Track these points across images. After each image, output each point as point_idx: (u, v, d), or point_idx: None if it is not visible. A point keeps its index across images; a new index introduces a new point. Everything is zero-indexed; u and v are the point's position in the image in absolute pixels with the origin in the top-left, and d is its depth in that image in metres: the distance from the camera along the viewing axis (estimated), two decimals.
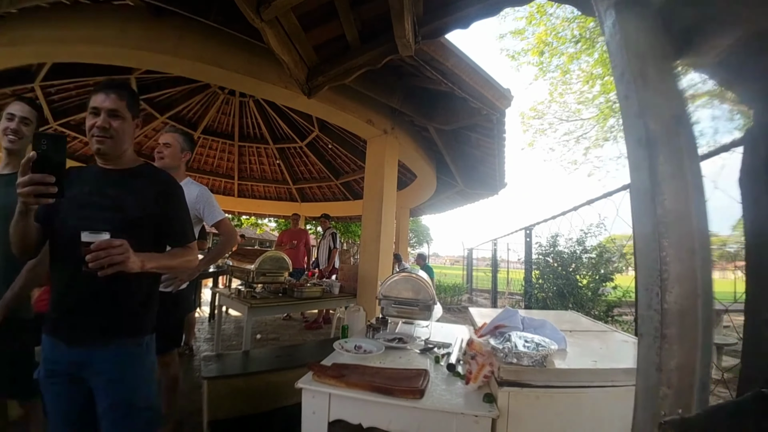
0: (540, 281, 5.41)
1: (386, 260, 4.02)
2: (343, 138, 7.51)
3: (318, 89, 3.01)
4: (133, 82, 6.17)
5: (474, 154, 5.45)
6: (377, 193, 4.06)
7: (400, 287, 2.57)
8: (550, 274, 5.25)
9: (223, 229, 2.92)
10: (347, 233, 15.16)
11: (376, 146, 4.24)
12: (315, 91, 3.04)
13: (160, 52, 3.23)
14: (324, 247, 6.52)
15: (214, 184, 10.13)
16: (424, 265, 8.06)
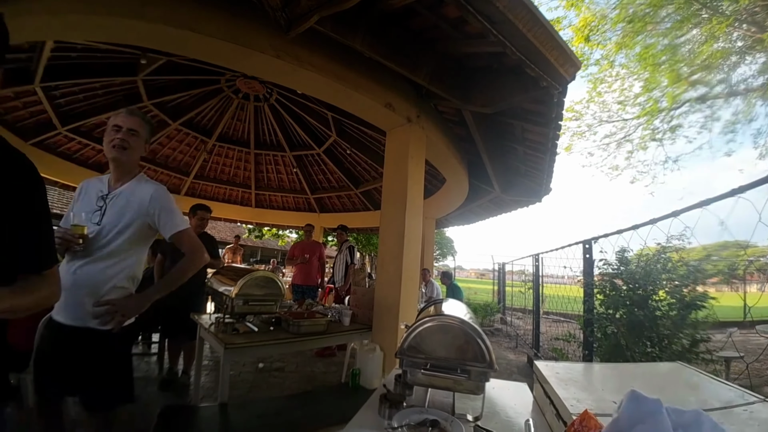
0: (608, 310, 4.18)
1: (410, 284, 2.99)
2: (362, 142, 6.60)
3: (302, 22, 2.04)
4: (141, 84, 5.51)
5: (517, 151, 4.35)
6: (399, 197, 3.06)
7: (434, 340, 1.53)
8: (621, 300, 4.03)
9: (185, 243, 1.99)
10: (368, 246, 14.13)
11: (397, 138, 3.25)
12: (297, 25, 2.07)
13: (120, 15, 2.38)
14: (340, 263, 5.54)
15: (231, 194, 9.43)
16: (451, 285, 6.92)
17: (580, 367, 2.08)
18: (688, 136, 10.87)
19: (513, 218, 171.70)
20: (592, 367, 2.27)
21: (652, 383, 1.58)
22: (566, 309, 7.19)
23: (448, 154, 3.93)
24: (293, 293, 5.70)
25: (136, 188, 1.99)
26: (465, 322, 1.54)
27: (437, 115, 3.71)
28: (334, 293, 5.63)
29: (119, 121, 1.96)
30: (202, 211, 4.01)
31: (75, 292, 1.70)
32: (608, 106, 11.68)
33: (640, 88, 10.63)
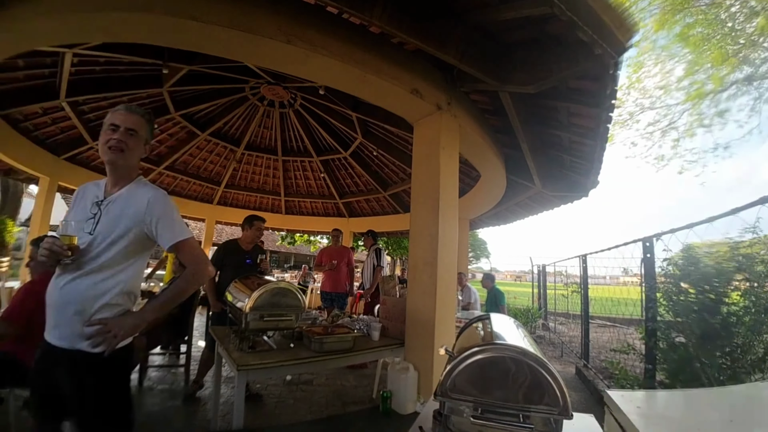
0: (676, 317, 3.55)
1: (447, 295, 2.55)
2: (389, 142, 6.25)
3: None
4: (167, 96, 5.47)
5: (561, 139, 3.82)
6: (430, 195, 2.64)
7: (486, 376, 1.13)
8: (689, 305, 3.39)
9: (186, 255, 1.69)
10: (399, 249, 13.70)
11: (426, 129, 2.84)
12: None
13: (115, 8, 2.16)
14: (368, 266, 5.20)
15: (262, 202, 9.37)
16: (493, 288, 6.37)
17: (665, 397, 1.69)
18: (738, 120, 9.68)
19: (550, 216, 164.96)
20: (681, 396, 1.79)
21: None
22: (612, 312, 6.46)
23: (484, 146, 3.47)
24: (322, 300, 5.41)
25: (133, 193, 1.71)
26: (527, 353, 1.12)
27: (470, 103, 3.28)
28: (364, 300, 5.29)
29: (116, 120, 1.70)
30: (259, 221, 3.77)
31: (63, 310, 1.48)
32: (649, 91, 10.67)
33: (683, 71, 9.63)
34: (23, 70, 3.95)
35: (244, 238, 3.69)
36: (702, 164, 10.55)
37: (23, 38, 2.46)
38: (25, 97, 4.33)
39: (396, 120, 5.16)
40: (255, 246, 3.74)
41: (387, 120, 5.24)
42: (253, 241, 3.70)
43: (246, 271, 3.44)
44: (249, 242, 3.68)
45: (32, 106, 4.60)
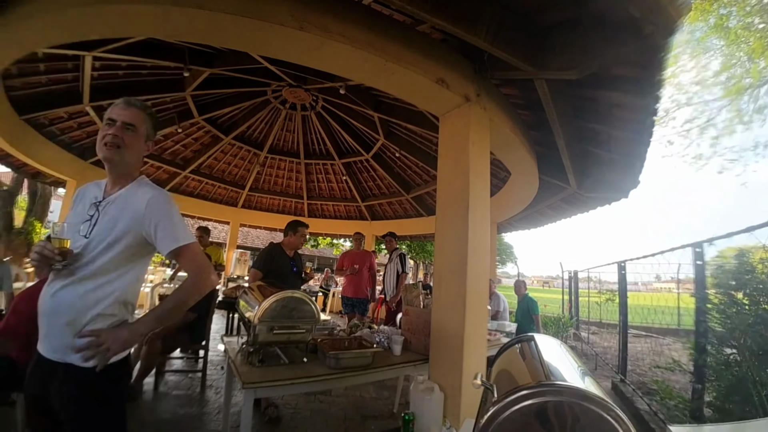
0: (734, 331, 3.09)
1: (478, 307, 2.21)
2: (412, 143, 5.99)
3: None
4: (190, 100, 5.46)
5: (599, 134, 3.43)
6: (458, 195, 2.31)
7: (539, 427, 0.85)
8: (743, 318, 2.93)
9: (188, 262, 1.50)
10: (422, 253, 13.34)
11: (454, 123, 2.52)
12: None
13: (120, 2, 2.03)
14: (391, 272, 4.93)
15: (285, 205, 9.32)
16: (525, 296, 5.95)
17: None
18: None
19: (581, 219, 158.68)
20: None
21: None
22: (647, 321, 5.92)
23: (516, 142, 3.13)
24: (343, 306, 5.20)
25: (133, 194, 1.55)
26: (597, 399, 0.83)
27: (500, 96, 2.96)
28: (386, 306, 5.03)
29: (113, 114, 1.55)
30: (303, 227, 3.59)
31: (54, 320, 1.34)
32: (685, 87, 9.90)
33: (719, 65, 8.88)
34: (45, 74, 3.96)
35: (288, 244, 3.55)
36: (743, 163, 9.64)
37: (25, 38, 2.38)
38: (48, 101, 4.37)
39: (419, 119, 4.91)
40: (296, 252, 3.61)
41: (410, 120, 4.99)
42: (296, 247, 3.57)
43: (292, 279, 3.34)
44: (292, 248, 3.55)
45: (57, 111, 4.65)
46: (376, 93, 4.98)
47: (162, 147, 6.62)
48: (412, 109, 4.91)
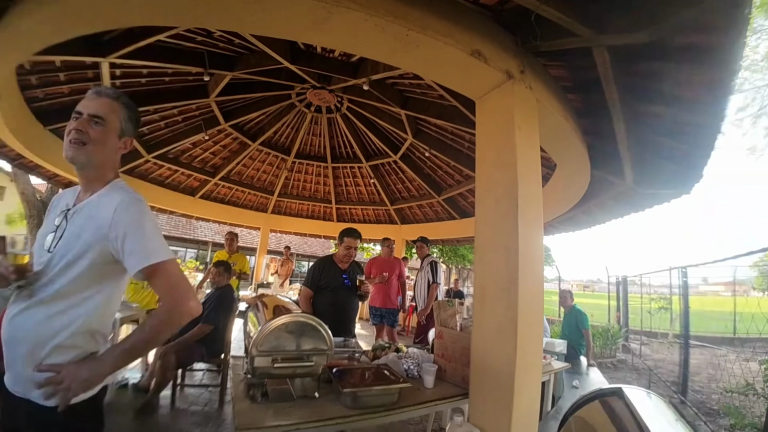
0: None
1: (532, 333, 1.70)
2: (442, 141, 5.50)
3: None
4: (215, 107, 5.31)
5: (662, 118, 2.80)
6: (505, 193, 1.82)
7: None
8: None
9: (162, 284, 1.18)
10: (455, 257, 12.61)
11: (495, 105, 2.03)
12: None
13: None
14: (422, 282, 4.46)
15: (314, 210, 9.09)
16: (573, 308, 5.26)
17: None
18: None
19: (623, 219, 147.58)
20: None
21: None
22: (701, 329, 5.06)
23: (567, 129, 2.57)
24: (371, 316, 4.78)
25: (103, 200, 1.22)
26: None
27: (547, 74, 2.43)
28: (417, 318, 4.56)
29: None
30: (351, 238, 3.08)
31: (13, 349, 1.11)
32: None
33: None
34: (66, 84, 3.88)
35: (338, 256, 3.11)
36: None
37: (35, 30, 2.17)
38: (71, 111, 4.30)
39: (450, 113, 4.43)
40: (353, 264, 3.14)
41: (440, 115, 4.53)
42: (345, 260, 3.07)
43: (343, 294, 2.96)
44: (343, 261, 3.08)
45: None
46: (403, 89, 4.56)
47: (191, 155, 6.55)
48: (441, 104, 4.45)
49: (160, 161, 6.18)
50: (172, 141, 5.80)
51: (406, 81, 4.27)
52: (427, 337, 3.80)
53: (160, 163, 6.26)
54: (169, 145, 5.84)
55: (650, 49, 2.05)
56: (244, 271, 4.50)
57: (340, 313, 2.92)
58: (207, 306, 3.26)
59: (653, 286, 10.20)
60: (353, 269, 3.10)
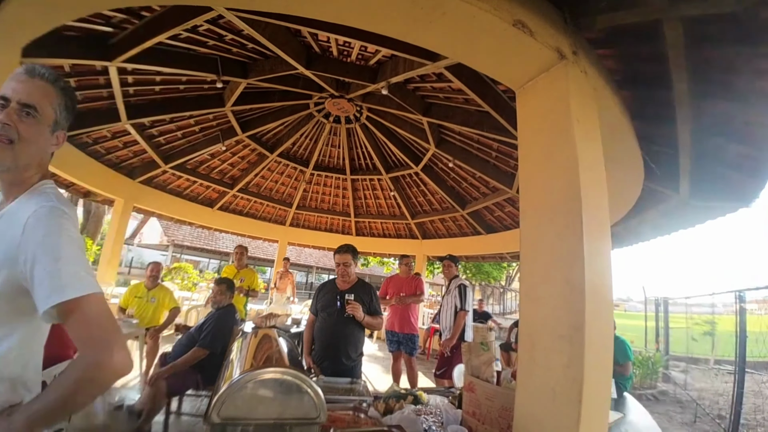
0: None
1: (600, 392, 1.20)
2: (467, 150, 5.05)
3: None
4: (231, 116, 5.09)
5: (732, 118, 2.26)
6: (560, 204, 1.34)
7: None
8: None
9: (80, 328, 0.81)
10: (479, 274, 11.85)
11: (543, 96, 1.58)
12: None
13: None
14: (448, 307, 3.89)
15: (332, 223, 8.76)
16: (617, 341, 4.56)
17: None
18: None
19: None
20: None
21: None
22: None
23: (625, 129, 2.05)
24: (387, 343, 4.28)
25: (20, 209, 0.88)
26: None
27: (600, 60, 1.95)
28: (440, 347, 3.99)
29: (7, 89, 0.94)
30: (339, 253, 2.66)
31: None
32: None
33: None
34: (78, 90, 3.72)
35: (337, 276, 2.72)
36: None
37: None
38: (85, 120, 4.16)
39: (476, 119, 3.99)
40: (357, 284, 2.64)
41: (465, 121, 4.10)
42: (343, 279, 2.63)
43: (336, 317, 2.51)
44: (342, 281, 2.64)
45: (98, 130, 4.47)
46: (425, 94, 4.17)
47: (209, 166, 6.39)
48: (467, 109, 4.02)
49: (178, 172, 6.03)
50: (190, 151, 5.65)
51: (428, 85, 3.89)
52: (451, 372, 3.27)
53: (178, 173, 6.12)
54: (187, 156, 5.68)
55: (730, 26, 1.57)
56: (253, 288, 4.13)
57: (330, 337, 2.51)
58: (204, 328, 2.90)
59: (693, 305, 9.24)
60: (357, 289, 2.61)
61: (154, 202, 6.33)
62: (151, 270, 3.99)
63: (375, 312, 2.57)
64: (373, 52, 3.52)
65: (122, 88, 3.89)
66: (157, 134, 5.13)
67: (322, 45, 3.61)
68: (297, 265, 17.66)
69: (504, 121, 3.24)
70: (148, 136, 5.01)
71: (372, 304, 2.58)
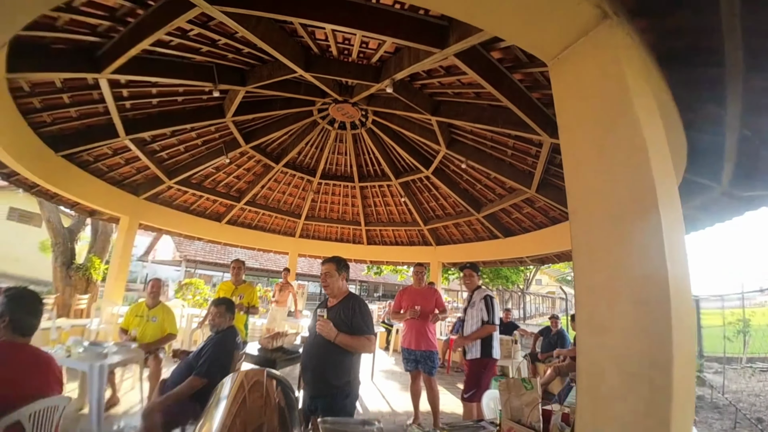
0: None
1: None
2: (480, 150, 4.73)
3: None
4: (233, 127, 4.89)
5: None
6: (635, 198, 0.99)
7: None
8: None
9: None
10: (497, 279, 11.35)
11: (588, 64, 1.23)
12: None
13: None
14: (473, 321, 3.48)
15: (343, 233, 8.50)
16: None
17: None
18: None
19: None
20: None
21: None
22: None
23: (670, 108, 1.73)
24: (404, 362, 3.91)
25: None
26: None
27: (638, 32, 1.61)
28: (465, 365, 3.60)
29: None
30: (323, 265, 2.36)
31: None
32: None
33: None
34: (72, 107, 3.59)
35: None
36: None
37: None
38: (83, 136, 4.04)
39: (490, 115, 3.69)
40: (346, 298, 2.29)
41: (478, 118, 3.80)
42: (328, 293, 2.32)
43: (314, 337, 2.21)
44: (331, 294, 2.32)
45: (97, 147, 4.33)
46: (433, 91, 3.89)
47: (215, 179, 6.23)
48: (479, 104, 3.73)
49: (183, 187, 5.89)
50: (194, 165, 5.50)
51: (436, 81, 3.61)
52: (480, 395, 2.91)
53: (184, 189, 5.98)
54: (191, 170, 5.53)
55: None
56: (252, 305, 3.84)
57: (308, 360, 2.19)
58: (202, 354, 2.64)
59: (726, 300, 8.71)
60: (341, 305, 2.22)
61: (160, 219, 6.19)
62: (151, 287, 3.77)
63: (357, 330, 2.10)
64: (375, 48, 3.27)
65: (118, 102, 3.75)
66: (159, 149, 4.98)
67: (321, 45, 3.38)
68: (309, 275, 17.43)
69: (521, 113, 2.92)
70: (150, 151, 4.87)
71: (354, 320, 2.12)
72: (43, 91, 3.33)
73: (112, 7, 2.60)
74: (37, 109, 3.49)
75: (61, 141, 4.07)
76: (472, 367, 3.36)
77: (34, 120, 3.62)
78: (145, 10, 2.55)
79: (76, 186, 4.65)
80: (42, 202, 6.59)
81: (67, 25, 2.74)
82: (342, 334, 2.06)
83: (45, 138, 3.94)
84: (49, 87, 3.30)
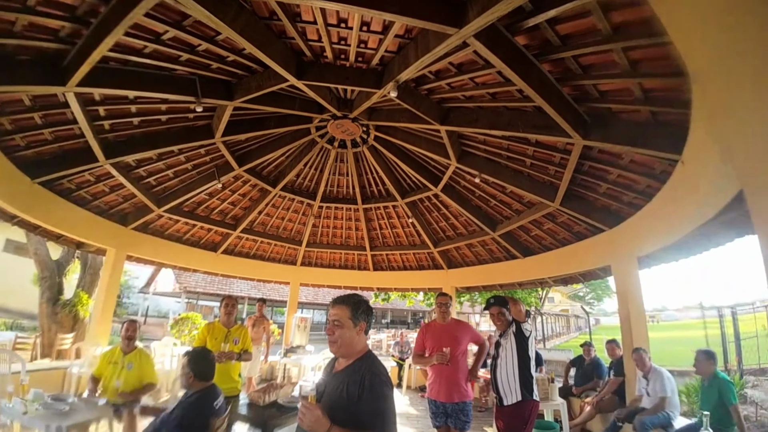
0: None
1: None
2: (496, 162, 4.27)
3: None
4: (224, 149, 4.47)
5: None
6: None
7: None
8: None
9: None
10: None
11: None
12: None
13: None
14: (508, 356, 2.80)
15: (347, 259, 7.96)
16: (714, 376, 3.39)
17: None
18: None
19: None
20: None
21: None
22: None
23: None
24: (432, 415, 3.16)
25: None
26: None
27: None
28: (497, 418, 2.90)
29: None
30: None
31: None
32: None
33: None
34: (46, 128, 3.22)
35: None
36: None
37: None
38: (60, 161, 3.65)
39: (508, 118, 3.26)
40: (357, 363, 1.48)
41: (494, 124, 3.36)
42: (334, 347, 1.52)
43: None
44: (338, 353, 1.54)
45: (77, 174, 3.93)
46: (441, 97, 3.49)
47: (208, 206, 5.81)
48: (494, 108, 3.31)
49: (174, 215, 5.46)
50: (184, 192, 5.10)
51: (445, 84, 3.20)
52: None
53: (175, 217, 5.55)
54: (182, 197, 5.11)
55: None
56: (246, 350, 3.23)
57: None
58: (171, 419, 2.07)
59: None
60: (354, 375, 1.45)
61: (150, 250, 5.73)
62: (125, 330, 3.23)
63: (361, 425, 1.32)
64: (375, 48, 2.89)
65: (95, 122, 3.39)
66: (146, 175, 4.59)
67: (314, 47, 3.02)
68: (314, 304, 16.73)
69: (552, 110, 2.46)
70: (135, 177, 4.48)
71: (360, 406, 1.35)
72: (13, 110, 2.97)
73: (70, 5, 2.24)
74: (8, 131, 3.12)
75: (37, 167, 3.70)
76: (515, 413, 2.69)
77: (6, 144, 3.26)
78: (106, 5, 2.18)
79: (57, 216, 4.24)
80: (29, 235, 6.17)
81: (26, 30, 2.40)
82: (337, 429, 1.29)
83: (19, 164, 3.56)
84: (19, 105, 2.95)
